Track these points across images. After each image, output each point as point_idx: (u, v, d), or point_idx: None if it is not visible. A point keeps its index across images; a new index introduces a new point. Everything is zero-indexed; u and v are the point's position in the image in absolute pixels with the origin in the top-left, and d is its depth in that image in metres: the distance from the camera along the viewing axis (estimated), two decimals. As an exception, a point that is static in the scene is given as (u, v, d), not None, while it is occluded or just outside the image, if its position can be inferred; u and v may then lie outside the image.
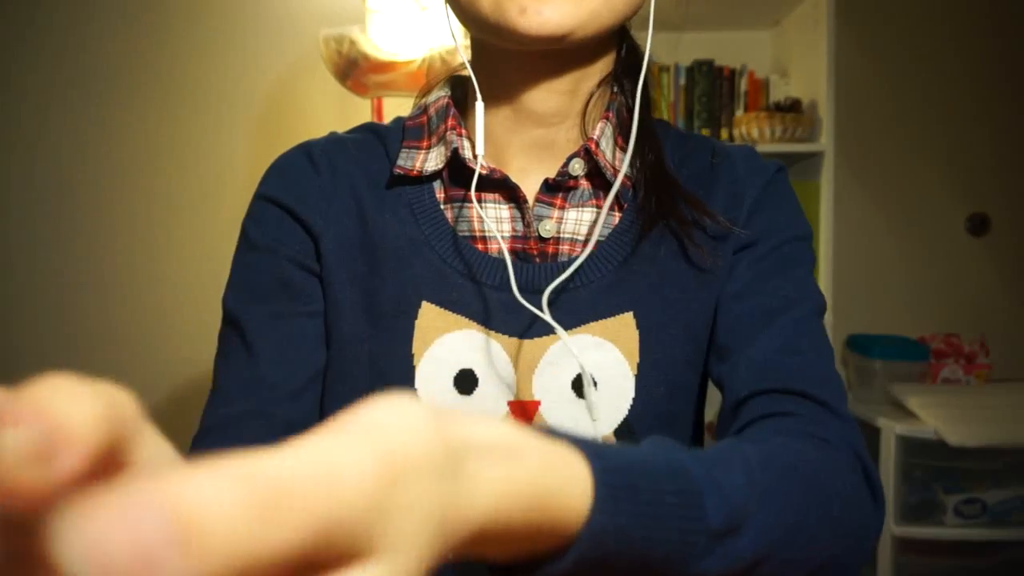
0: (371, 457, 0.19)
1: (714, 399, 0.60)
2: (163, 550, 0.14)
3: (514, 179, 0.60)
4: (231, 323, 0.61)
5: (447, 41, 1.67)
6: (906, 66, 2.17)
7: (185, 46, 2.10)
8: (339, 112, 2.07)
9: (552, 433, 0.29)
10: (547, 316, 0.55)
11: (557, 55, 0.57)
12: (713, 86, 2.01)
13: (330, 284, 0.61)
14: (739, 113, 2.03)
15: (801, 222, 0.63)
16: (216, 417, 0.57)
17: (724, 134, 2.01)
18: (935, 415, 1.62)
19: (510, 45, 0.56)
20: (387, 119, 0.70)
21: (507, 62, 0.59)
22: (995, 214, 2.17)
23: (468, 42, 0.65)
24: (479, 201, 0.61)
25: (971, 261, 2.18)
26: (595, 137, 0.60)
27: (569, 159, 0.60)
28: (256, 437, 0.56)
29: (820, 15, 1.86)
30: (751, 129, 1.93)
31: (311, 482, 0.17)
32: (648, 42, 0.59)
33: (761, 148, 1.90)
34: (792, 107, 1.94)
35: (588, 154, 0.60)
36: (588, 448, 0.29)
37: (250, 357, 0.59)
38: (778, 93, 2.08)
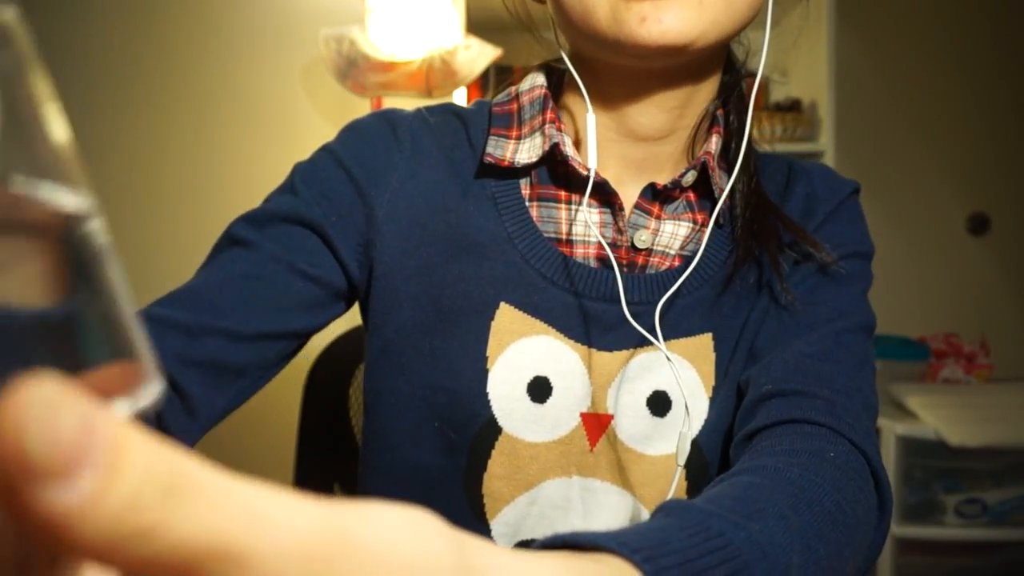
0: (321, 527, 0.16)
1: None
2: (88, 467, 0.14)
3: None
4: (228, 240, 0.57)
5: (447, 41, 1.67)
6: (906, 66, 2.17)
7: (184, 45, 2.10)
8: (339, 112, 2.06)
9: (587, 541, 0.28)
10: (659, 338, 0.53)
11: (669, 71, 0.55)
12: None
13: (391, 272, 0.58)
14: (739, 113, 2.04)
15: (865, 240, 0.62)
16: (149, 311, 0.53)
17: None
18: (935, 415, 1.62)
19: (627, 60, 0.53)
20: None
21: (612, 77, 0.56)
22: (995, 214, 2.18)
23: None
24: (568, 202, 0.58)
25: (971, 261, 2.18)
26: (712, 151, 0.58)
27: (687, 170, 0.57)
28: (168, 350, 0.51)
29: (820, 15, 1.86)
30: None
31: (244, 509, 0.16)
32: (763, 56, 0.56)
33: (761, 148, 1.90)
34: (792, 107, 1.95)
35: (704, 167, 0.58)
36: (641, 559, 0.28)
37: (222, 278, 0.54)
38: (778, 93, 2.08)
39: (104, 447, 0.14)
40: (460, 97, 1.84)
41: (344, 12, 2.01)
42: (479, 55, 1.67)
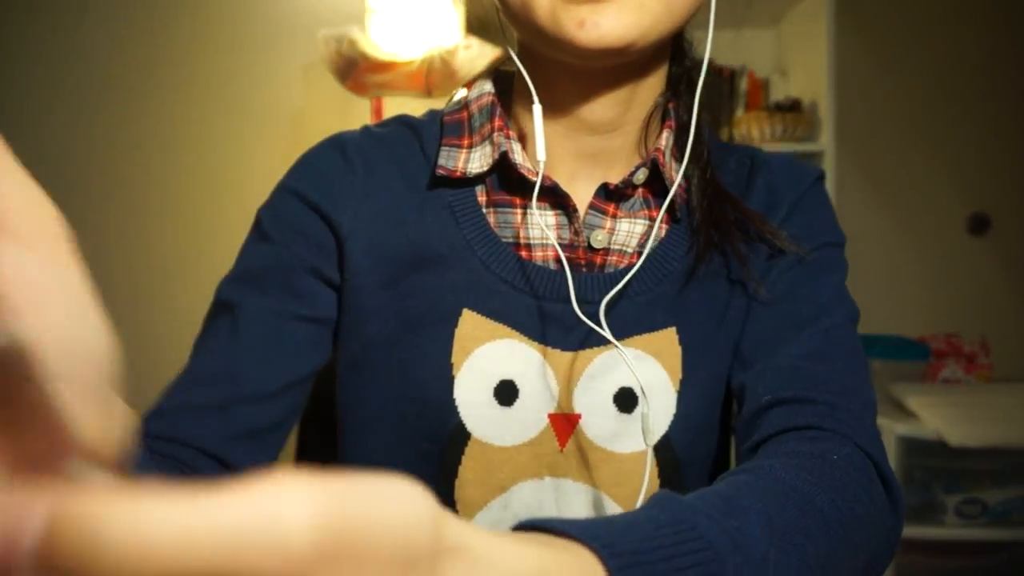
0: (310, 513, 0.16)
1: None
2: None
3: (563, 185, 0.58)
4: (223, 307, 0.57)
5: (447, 41, 1.67)
6: (906, 66, 2.17)
7: (185, 46, 2.10)
8: (339, 112, 2.06)
9: (557, 527, 0.28)
10: (606, 332, 0.54)
11: (613, 66, 0.55)
12: (713, 86, 2.01)
13: (358, 289, 0.58)
14: (739, 113, 2.03)
15: (835, 229, 0.62)
16: (175, 401, 0.54)
17: (724, 134, 2.02)
18: (935, 415, 1.62)
19: (568, 58, 0.54)
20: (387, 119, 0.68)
21: (558, 71, 0.56)
22: (995, 214, 2.18)
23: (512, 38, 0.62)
24: (523, 207, 0.59)
25: (971, 261, 2.18)
26: (662, 147, 0.58)
27: (637, 168, 0.58)
28: (209, 432, 0.53)
29: (820, 15, 1.86)
30: (751, 129, 1.93)
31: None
32: (707, 49, 0.57)
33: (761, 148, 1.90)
34: (792, 107, 1.95)
35: (654, 164, 0.58)
36: (601, 544, 0.29)
37: (232, 347, 0.55)
38: (778, 93, 2.08)
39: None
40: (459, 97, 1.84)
41: (344, 12, 2.01)
42: (479, 55, 1.67)
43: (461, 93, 0.65)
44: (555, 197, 0.58)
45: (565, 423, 0.57)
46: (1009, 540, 1.63)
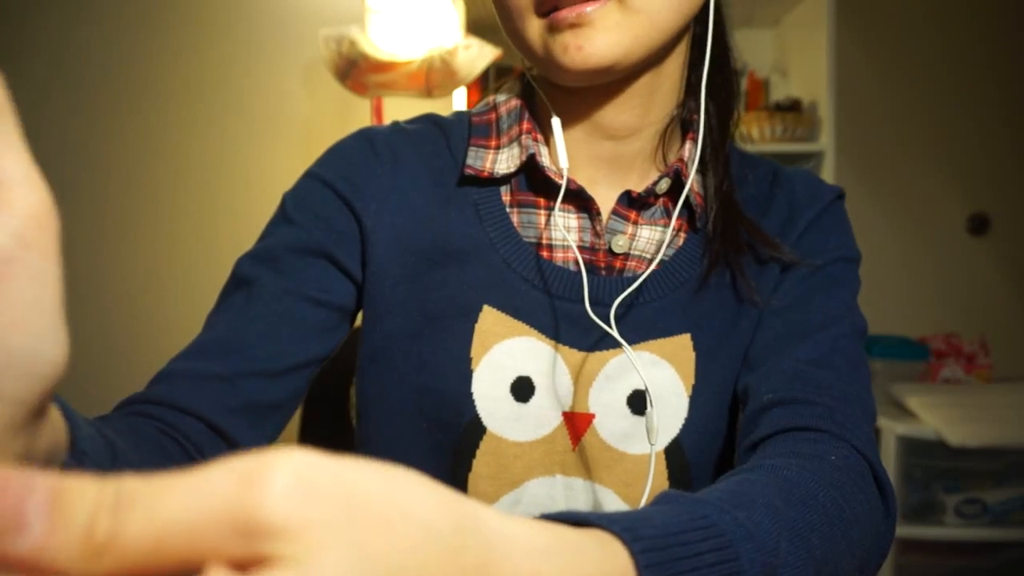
0: (289, 479, 0.19)
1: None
2: (34, 516, 0.17)
3: (585, 189, 0.59)
4: (240, 282, 0.58)
5: (447, 41, 1.67)
6: (906, 66, 2.17)
7: (185, 46, 2.10)
8: (339, 112, 2.07)
9: (581, 517, 0.29)
10: (615, 332, 0.55)
11: (624, 76, 0.57)
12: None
13: (379, 280, 0.59)
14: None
15: (851, 245, 0.63)
16: (180, 366, 0.54)
17: (724, 134, 2.02)
18: (935, 415, 1.62)
19: (563, 80, 0.56)
20: (387, 119, 0.69)
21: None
22: (995, 214, 2.18)
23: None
24: (547, 208, 0.60)
25: (971, 261, 2.18)
26: (684, 158, 0.60)
27: (660, 178, 0.59)
28: (211, 402, 0.52)
29: (820, 15, 1.86)
30: (751, 129, 1.93)
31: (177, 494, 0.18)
32: (707, 58, 0.58)
33: (761, 148, 1.90)
34: (792, 107, 1.95)
35: (677, 174, 0.60)
36: (621, 528, 0.29)
37: (245, 321, 0.56)
38: (778, 93, 2.08)
39: (45, 498, 0.18)
40: (460, 97, 1.84)
41: (344, 12, 2.01)
42: (479, 55, 1.67)
43: (461, 92, 0.66)
44: (579, 200, 0.60)
45: (578, 422, 0.58)
46: (1009, 540, 1.63)
